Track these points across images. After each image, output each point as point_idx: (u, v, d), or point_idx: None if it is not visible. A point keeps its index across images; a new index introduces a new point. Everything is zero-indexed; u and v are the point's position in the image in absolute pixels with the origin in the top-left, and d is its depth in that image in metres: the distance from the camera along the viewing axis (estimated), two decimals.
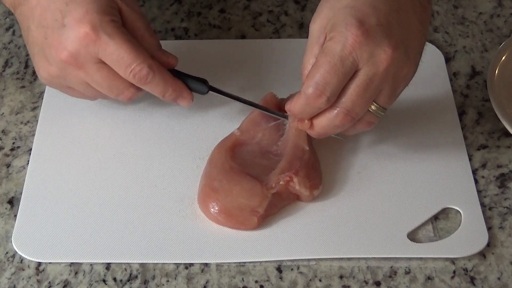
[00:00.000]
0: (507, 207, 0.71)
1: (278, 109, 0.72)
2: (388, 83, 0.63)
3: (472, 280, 0.66)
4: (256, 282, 0.65)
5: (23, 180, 0.71)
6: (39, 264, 0.66)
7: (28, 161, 0.73)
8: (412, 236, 0.68)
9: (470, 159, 0.74)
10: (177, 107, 0.74)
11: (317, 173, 0.71)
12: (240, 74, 0.81)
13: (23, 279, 0.65)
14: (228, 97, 0.72)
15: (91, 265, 0.66)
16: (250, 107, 0.72)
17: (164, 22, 0.88)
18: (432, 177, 0.72)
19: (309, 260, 0.66)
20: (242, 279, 0.65)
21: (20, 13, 0.68)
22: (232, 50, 0.84)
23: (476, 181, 0.72)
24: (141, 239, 0.67)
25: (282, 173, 0.68)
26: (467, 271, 0.66)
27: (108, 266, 0.66)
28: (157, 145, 0.74)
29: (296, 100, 0.64)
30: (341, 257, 0.66)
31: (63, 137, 0.75)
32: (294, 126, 0.68)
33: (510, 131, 0.74)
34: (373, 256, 0.66)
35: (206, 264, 0.66)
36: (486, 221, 0.69)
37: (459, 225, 0.69)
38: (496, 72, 0.78)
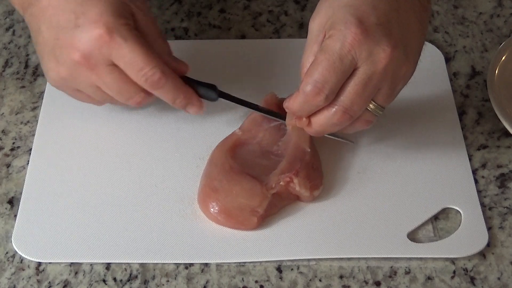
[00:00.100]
0: (507, 207, 0.71)
1: (278, 109, 0.71)
2: (387, 82, 0.63)
3: (472, 280, 0.66)
4: (256, 282, 0.65)
5: (23, 180, 0.71)
6: (39, 264, 0.66)
7: (28, 161, 0.73)
8: (412, 236, 0.68)
9: (470, 159, 0.74)
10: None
11: (318, 174, 0.71)
12: (240, 74, 0.81)
13: (23, 279, 0.65)
14: (238, 104, 0.71)
15: (91, 265, 0.66)
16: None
17: (164, 22, 0.88)
18: (432, 177, 0.72)
19: (309, 260, 0.66)
20: (242, 279, 0.65)
21: (31, 14, 0.67)
22: (232, 50, 0.84)
23: (476, 181, 0.72)
24: (141, 239, 0.67)
25: (282, 173, 0.68)
26: (467, 271, 0.66)
27: (108, 266, 0.66)
28: (157, 145, 0.74)
29: (294, 97, 0.64)
30: (341, 257, 0.66)
31: (63, 137, 0.75)
32: (292, 123, 0.68)
33: (510, 131, 0.74)
34: (373, 256, 0.66)
35: (206, 264, 0.66)
36: (486, 221, 0.69)
37: (459, 225, 0.69)
38: (496, 72, 0.78)
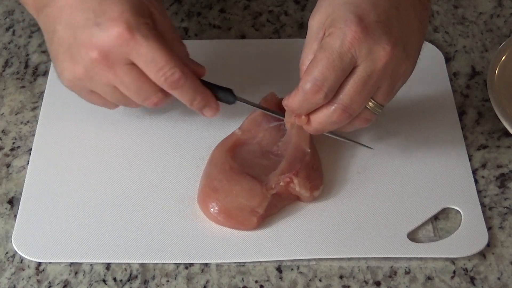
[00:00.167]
0: (507, 207, 0.71)
1: (278, 109, 0.71)
2: (386, 80, 0.63)
3: (472, 280, 0.66)
4: (256, 282, 0.65)
5: (23, 180, 0.71)
6: (39, 264, 0.66)
7: (28, 161, 0.73)
8: (412, 236, 0.68)
9: (470, 159, 0.74)
10: (177, 107, 0.74)
11: (318, 175, 0.71)
12: (240, 74, 0.80)
13: (23, 279, 0.65)
14: (254, 107, 0.71)
15: (91, 265, 0.66)
16: (251, 107, 0.72)
17: None
18: (432, 177, 0.72)
19: (309, 260, 0.66)
20: (242, 279, 0.65)
21: (46, 15, 0.66)
22: (232, 50, 0.84)
23: (476, 181, 0.72)
24: (141, 239, 0.67)
25: (282, 174, 0.68)
26: (467, 271, 0.66)
27: (108, 266, 0.66)
28: (157, 145, 0.74)
29: (293, 95, 0.64)
30: (341, 257, 0.66)
31: (63, 137, 0.74)
32: (291, 121, 0.67)
33: (510, 131, 0.74)
34: (373, 256, 0.66)
35: (206, 264, 0.66)
36: (486, 221, 0.69)
37: (459, 225, 0.69)
38: (496, 72, 0.78)
